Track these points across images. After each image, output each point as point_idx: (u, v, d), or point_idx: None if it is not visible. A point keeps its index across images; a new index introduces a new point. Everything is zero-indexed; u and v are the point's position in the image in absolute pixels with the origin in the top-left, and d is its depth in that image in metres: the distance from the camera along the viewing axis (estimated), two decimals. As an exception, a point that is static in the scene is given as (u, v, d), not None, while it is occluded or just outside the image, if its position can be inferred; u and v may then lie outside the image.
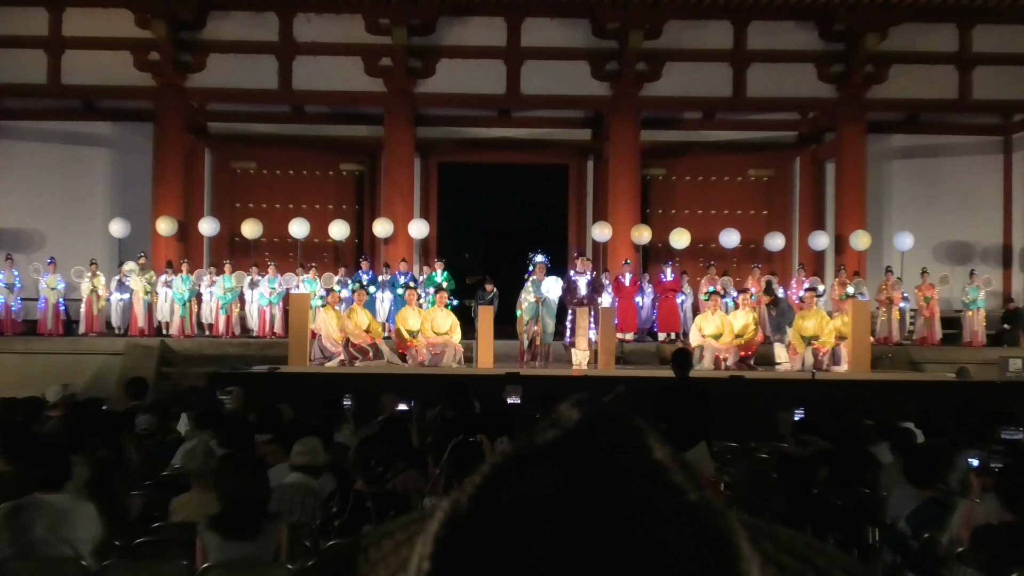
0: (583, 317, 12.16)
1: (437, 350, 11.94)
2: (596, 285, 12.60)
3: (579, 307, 12.22)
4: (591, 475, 0.51)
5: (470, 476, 0.54)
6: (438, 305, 12.30)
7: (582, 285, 12.39)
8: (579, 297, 12.26)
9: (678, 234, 15.85)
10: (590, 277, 12.55)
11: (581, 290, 12.34)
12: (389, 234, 15.85)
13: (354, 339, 11.92)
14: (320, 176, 17.55)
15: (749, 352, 12.17)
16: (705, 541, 0.50)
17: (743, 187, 17.60)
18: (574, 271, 12.58)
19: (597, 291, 12.59)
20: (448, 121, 17.12)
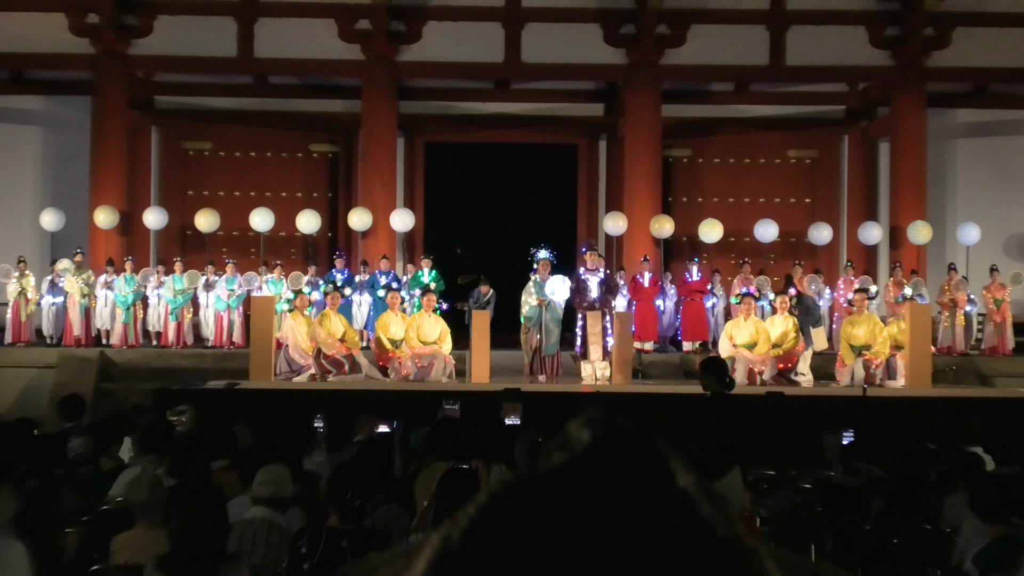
0: (595, 323, 12.18)
1: (424, 362, 11.94)
2: (610, 285, 12.60)
3: (590, 311, 12.23)
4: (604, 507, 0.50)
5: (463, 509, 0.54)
6: (425, 310, 12.30)
7: (593, 285, 12.38)
8: (590, 300, 12.26)
9: (707, 226, 15.88)
10: (603, 276, 12.55)
11: (592, 291, 12.33)
12: (367, 226, 15.86)
13: (327, 349, 11.92)
14: (287, 159, 17.58)
15: (789, 364, 12.19)
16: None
17: (782, 171, 17.64)
18: (584, 269, 12.57)
19: (611, 292, 12.58)
20: (436, 94, 17.15)
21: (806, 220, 16.81)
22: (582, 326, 12.34)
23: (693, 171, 17.71)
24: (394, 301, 12.44)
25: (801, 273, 15.15)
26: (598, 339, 12.13)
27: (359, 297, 15.10)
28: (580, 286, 12.37)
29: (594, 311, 12.24)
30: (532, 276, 12.57)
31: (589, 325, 12.21)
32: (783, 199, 17.45)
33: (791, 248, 16.99)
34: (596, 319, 12.19)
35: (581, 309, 12.33)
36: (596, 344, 12.12)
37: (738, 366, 11.72)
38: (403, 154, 17.18)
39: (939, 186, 16.86)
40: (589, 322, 12.22)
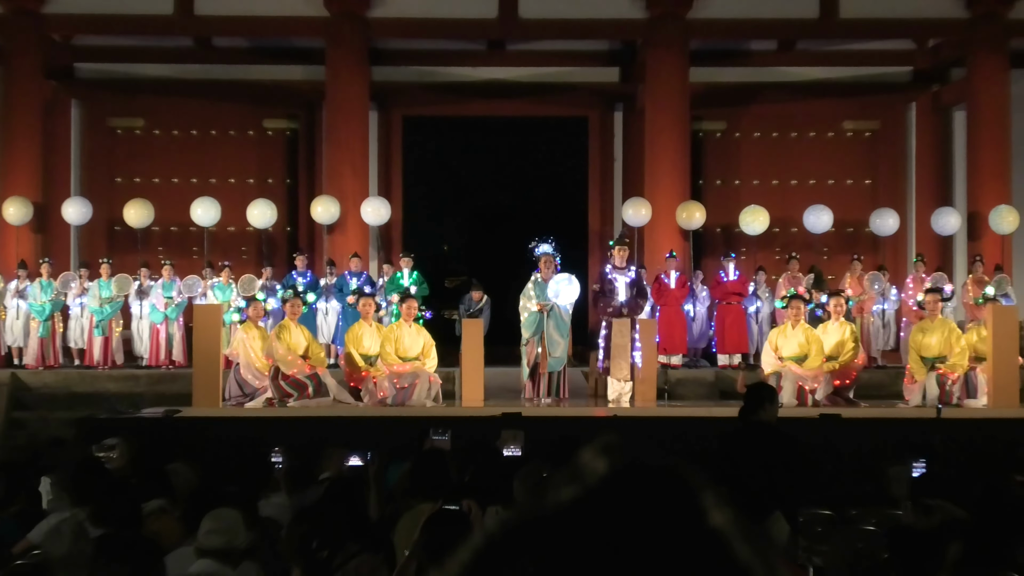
0: (622, 333, 12.12)
1: (404, 382, 11.93)
2: (641, 287, 12.52)
3: (616, 318, 12.17)
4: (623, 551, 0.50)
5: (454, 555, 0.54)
6: (405, 319, 12.30)
7: (621, 287, 12.30)
8: (617, 304, 12.18)
9: (746, 214, 15.90)
10: (633, 275, 12.49)
11: (620, 294, 12.25)
12: (334, 219, 15.86)
13: (286, 368, 11.91)
14: (236, 138, 17.60)
15: (847, 380, 12.19)
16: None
17: (836, 147, 17.67)
18: (611, 266, 12.49)
19: (642, 295, 12.52)
20: (417, 58, 17.17)
21: (866, 206, 16.85)
22: (606, 336, 12.27)
23: (728, 148, 17.74)
24: (367, 309, 12.42)
25: (860, 270, 15.17)
26: (624, 352, 12.08)
27: (325, 304, 15.07)
28: (605, 287, 12.28)
29: (621, 318, 12.17)
30: (533, 276, 12.53)
31: (615, 336, 12.14)
32: (838, 181, 17.47)
33: (848, 240, 17.00)
34: (623, 329, 12.14)
35: (605, 315, 12.25)
36: (622, 359, 12.08)
37: (785, 383, 11.71)
38: (377, 131, 17.18)
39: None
40: (615, 332, 12.15)
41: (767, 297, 15.16)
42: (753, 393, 6.77)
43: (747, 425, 6.59)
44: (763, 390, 6.88)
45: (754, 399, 6.66)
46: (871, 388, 12.94)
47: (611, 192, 17.49)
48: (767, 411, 6.57)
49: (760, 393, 6.77)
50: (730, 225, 16.60)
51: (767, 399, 6.66)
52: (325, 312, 15.07)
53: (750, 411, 6.61)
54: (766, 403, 6.62)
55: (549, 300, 12.32)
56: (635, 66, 16.96)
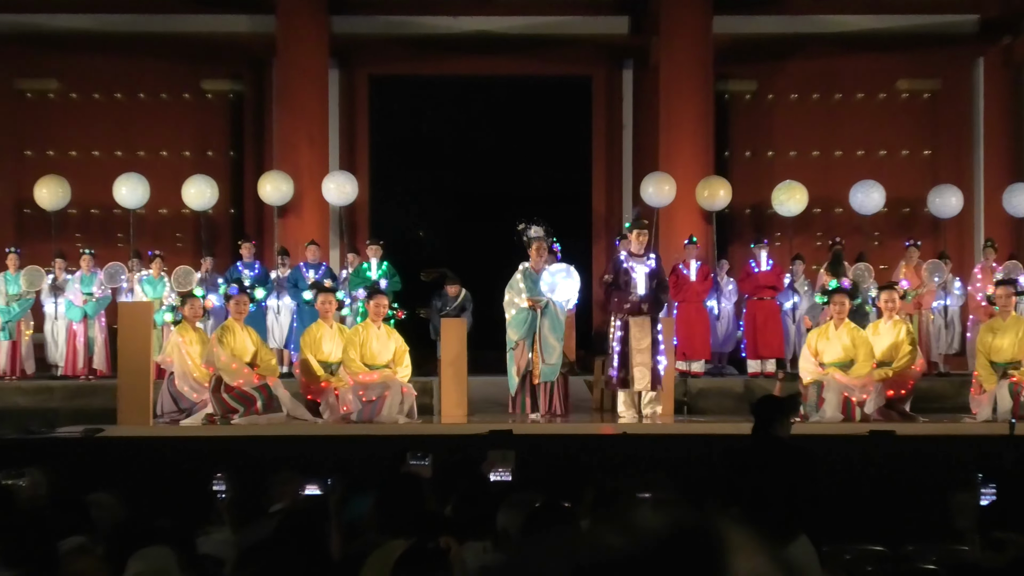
0: (641, 334, 12.04)
1: (372, 394, 11.91)
2: (662, 279, 12.43)
3: (633, 316, 12.16)
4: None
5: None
6: (373, 319, 12.28)
7: (640, 278, 12.19)
8: (635, 299, 12.09)
9: (781, 191, 15.91)
10: (654, 265, 12.39)
11: (639, 287, 12.15)
12: (287, 198, 15.85)
13: (230, 379, 11.88)
14: (169, 102, 17.57)
15: (902, 391, 12.20)
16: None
17: (889, 111, 17.69)
18: (626, 253, 12.45)
19: (664, 288, 12.44)
20: (386, 6, 17.17)
21: (925, 181, 16.89)
22: (621, 338, 12.13)
23: (760, 113, 17.76)
24: (327, 307, 12.40)
25: (917, 259, 15.18)
26: (645, 358, 11.99)
27: (277, 302, 15.06)
28: (620, 279, 12.21)
29: (640, 316, 12.11)
30: (522, 266, 12.48)
31: (633, 338, 12.06)
32: (891, 151, 17.49)
33: (904, 222, 17.03)
34: (642, 329, 12.07)
35: (620, 313, 12.14)
36: (642, 366, 11.99)
37: (827, 395, 11.72)
38: (338, 93, 17.17)
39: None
40: (632, 333, 12.07)
41: (806, 291, 15.19)
42: (764, 407, 6.90)
43: (759, 440, 6.74)
44: (775, 403, 7.01)
45: (766, 413, 6.82)
46: (931, 399, 12.96)
47: (619, 166, 17.49)
48: (782, 426, 6.76)
49: (771, 407, 6.93)
50: (762, 205, 16.61)
51: (781, 412, 6.86)
52: (277, 311, 15.05)
53: (762, 427, 6.76)
54: (780, 417, 6.81)
55: (542, 295, 12.27)
56: (648, 15, 16.98)
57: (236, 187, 17.37)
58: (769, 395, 8.16)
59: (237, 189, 17.37)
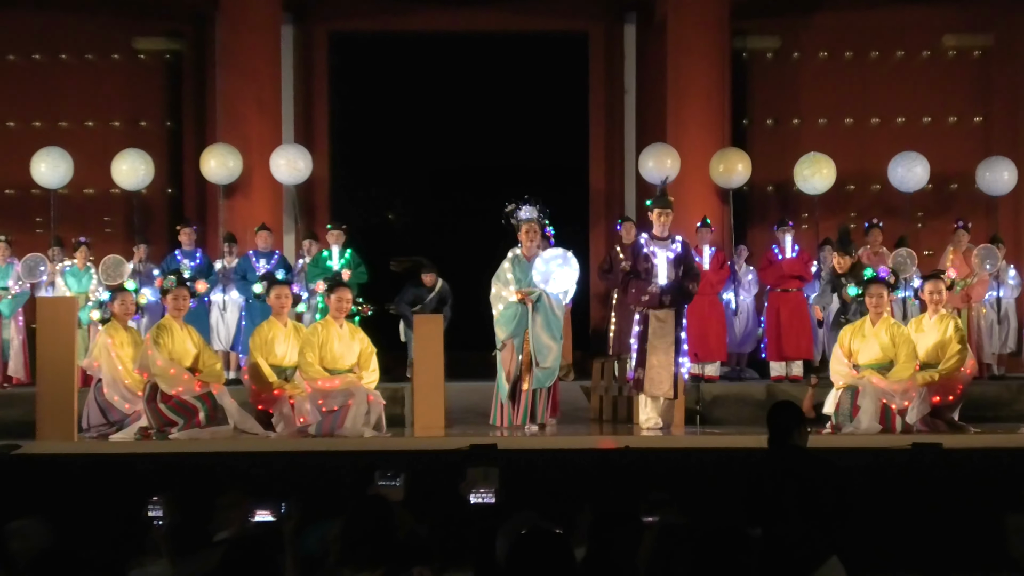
0: (663, 331, 11.99)
1: (334, 403, 11.86)
2: (690, 264, 12.37)
3: (655, 309, 12.07)
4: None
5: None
6: (334, 315, 12.23)
7: (663, 264, 12.16)
8: (656, 291, 12.03)
9: (807, 165, 15.88)
10: (679, 249, 12.33)
11: (661, 275, 12.13)
12: (235, 176, 15.83)
13: (167, 386, 11.83)
14: (95, 64, 17.54)
15: (950, 397, 12.18)
16: None
17: (934, 71, 17.72)
18: (647, 236, 12.38)
19: (691, 276, 12.32)
20: (348, -49, 17.15)
21: (975, 153, 16.93)
22: (639, 334, 12.15)
23: (784, 74, 17.78)
24: (281, 302, 12.35)
25: (967, 243, 15.16)
26: (667, 359, 11.97)
27: (222, 296, 15.02)
28: (640, 265, 12.20)
29: (662, 310, 12.08)
30: (511, 253, 12.44)
31: (652, 335, 12.04)
32: (936, 119, 17.51)
33: (950, 200, 17.06)
34: (665, 325, 12.04)
35: (639, 306, 12.17)
36: (663, 369, 11.96)
37: (863, 401, 11.69)
38: (293, 54, 17.14)
39: None
40: (652, 329, 12.05)
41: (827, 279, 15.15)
42: (778, 416, 6.95)
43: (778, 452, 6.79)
44: (788, 412, 7.05)
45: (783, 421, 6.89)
46: (984, 407, 12.95)
47: (620, 137, 17.50)
48: (801, 435, 6.83)
49: (789, 413, 6.99)
50: (786, 181, 16.60)
51: (800, 420, 6.94)
52: (222, 307, 15.01)
53: (780, 437, 6.81)
54: (798, 425, 6.88)
55: (535, 287, 12.23)
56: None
57: (174, 163, 17.37)
58: (784, 401, 8.15)
59: (175, 165, 17.37)
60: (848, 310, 12.79)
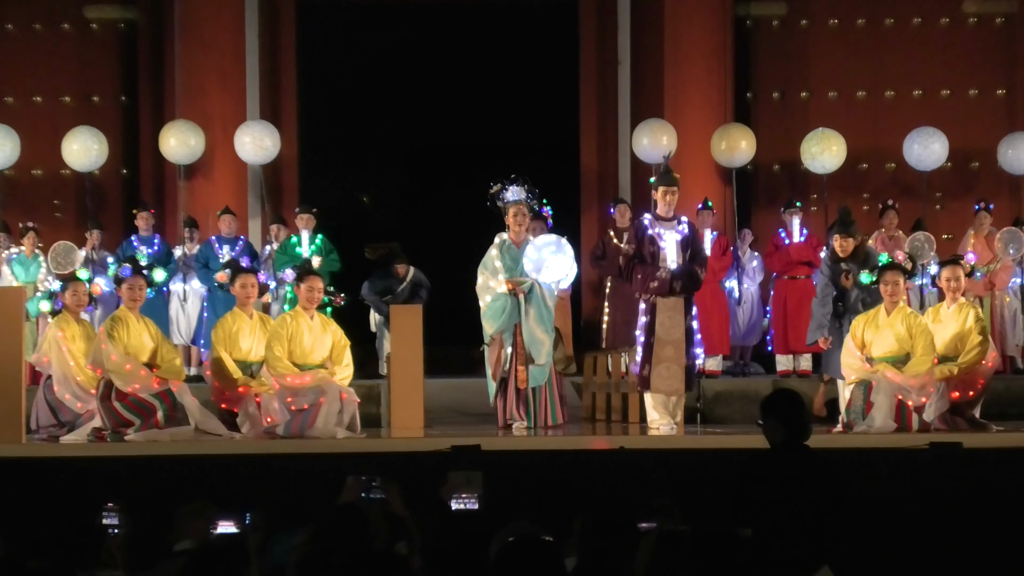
0: (672, 321, 11.94)
1: (304, 402, 11.84)
2: (698, 248, 12.39)
3: (663, 296, 11.99)
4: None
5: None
6: (304, 306, 12.21)
7: (671, 248, 12.12)
8: (666, 275, 11.97)
9: (815, 142, 15.90)
10: (686, 231, 12.29)
11: (669, 259, 12.07)
12: (196, 156, 15.80)
13: (123, 383, 11.81)
14: (44, 34, 17.46)
15: (971, 392, 12.18)
16: None
17: (954, 39, 17.70)
18: (651, 216, 12.35)
19: (700, 260, 12.35)
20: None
21: (997, 129, 16.92)
22: (645, 325, 12.10)
23: (792, 43, 17.75)
24: (247, 292, 12.33)
25: (989, 226, 15.18)
26: (678, 351, 11.92)
27: (182, 286, 14.99)
28: (645, 249, 12.14)
29: (672, 298, 12.02)
30: (498, 239, 12.44)
31: (660, 326, 11.98)
32: (956, 91, 17.49)
33: (971, 179, 17.06)
34: (674, 314, 11.98)
35: (646, 293, 12.14)
36: (674, 363, 11.92)
37: (877, 398, 11.69)
38: (258, 22, 17.05)
39: None
40: (660, 319, 11.99)
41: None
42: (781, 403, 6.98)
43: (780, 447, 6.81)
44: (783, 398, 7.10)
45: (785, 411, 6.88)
46: (1008, 403, 12.99)
47: (613, 112, 17.45)
48: (797, 413, 6.86)
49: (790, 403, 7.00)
50: (794, 160, 16.57)
51: (803, 412, 6.96)
52: (183, 297, 14.99)
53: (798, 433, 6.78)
54: (801, 418, 6.89)
55: (526, 276, 12.23)
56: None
57: (130, 141, 17.29)
58: (786, 389, 8.18)
59: (131, 144, 17.30)
60: (848, 297, 12.66)
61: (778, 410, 6.87)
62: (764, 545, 6.20)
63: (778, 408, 6.90)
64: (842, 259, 12.74)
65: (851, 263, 12.67)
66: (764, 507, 6.46)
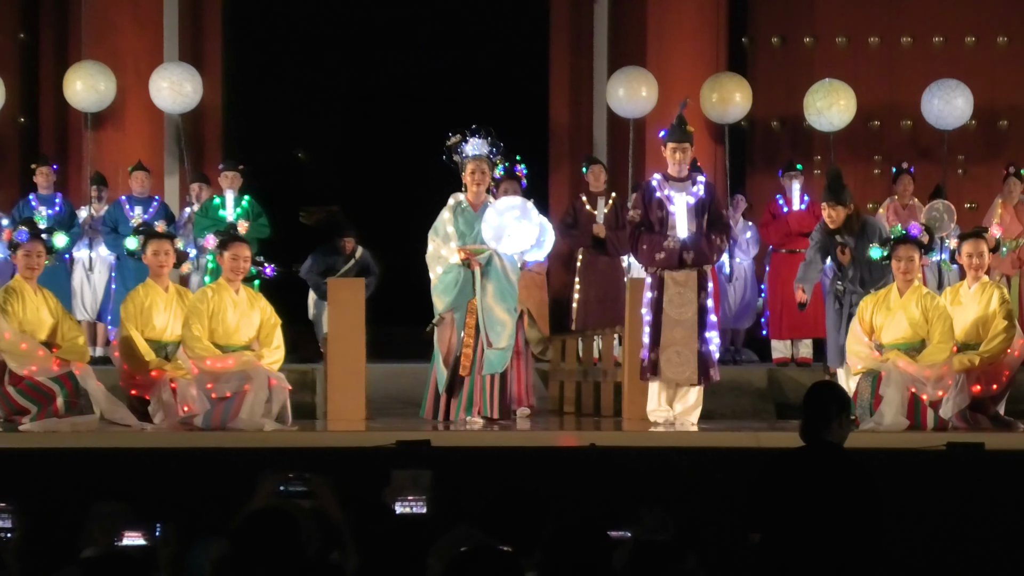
0: (681, 299, 11.94)
1: (227, 388, 11.82)
2: (717, 213, 12.36)
3: (672, 270, 11.96)
4: None
5: None
6: (228, 277, 12.18)
7: (681, 212, 12.07)
8: (676, 245, 11.94)
9: (820, 95, 15.93)
10: (703, 193, 12.23)
11: (680, 226, 12.02)
12: (105, 103, 15.77)
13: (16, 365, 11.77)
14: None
15: (994, 386, 12.23)
16: None
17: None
18: (659, 177, 12.29)
19: (720, 226, 12.31)
20: None
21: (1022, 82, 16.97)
22: (652, 302, 12.07)
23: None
24: (161, 259, 12.29)
25: (1020, 193, 15.20)
26: (686, 335, 11.90)
27: (88, 253, 14.95)
28: (652, 214, 12.11)
29: (682, 271, 12.01)
30: (453, 199, 12.36)
31: (669, 304, 11.96)
32: (982, 39, 17.54)
33: (998, 140, 17.13)
34: (684, 291, 11.95)
35: (652, 266, 12.10)
36: (685, 347, 11.91)
37: (887, 390, 11.73)
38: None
39: None
40: (668, 296, 11.97)
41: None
42: (818, 396, 6.89)
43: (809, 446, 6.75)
44: (833, 393, 7.02)
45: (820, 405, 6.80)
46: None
47: (588, 59, 17.47)
48: (839, 427, 6.74)
49: (828, 396, 6.92)
50: (795, 115, 16.61)
51: (839, 407, 6.83)
52: (88, 266, 14.96)
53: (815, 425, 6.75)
54: (838, 413, 6.78)
55: (485, 244, 12.19)
56: None
57: (28, 85, 17.28)
58: (826, 381, 8.16)
59: (30, 88, 17.30)
60: (846, 275, 12.58)
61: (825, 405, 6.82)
62: (775, 552, 6.20)
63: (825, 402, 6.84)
64: (833, 231, 12.63)
65: (846, 235, 12.58)
66: (783, 512, 6.48)
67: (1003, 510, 9.27)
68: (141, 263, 12.78)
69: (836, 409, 6.77)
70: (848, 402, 7.00)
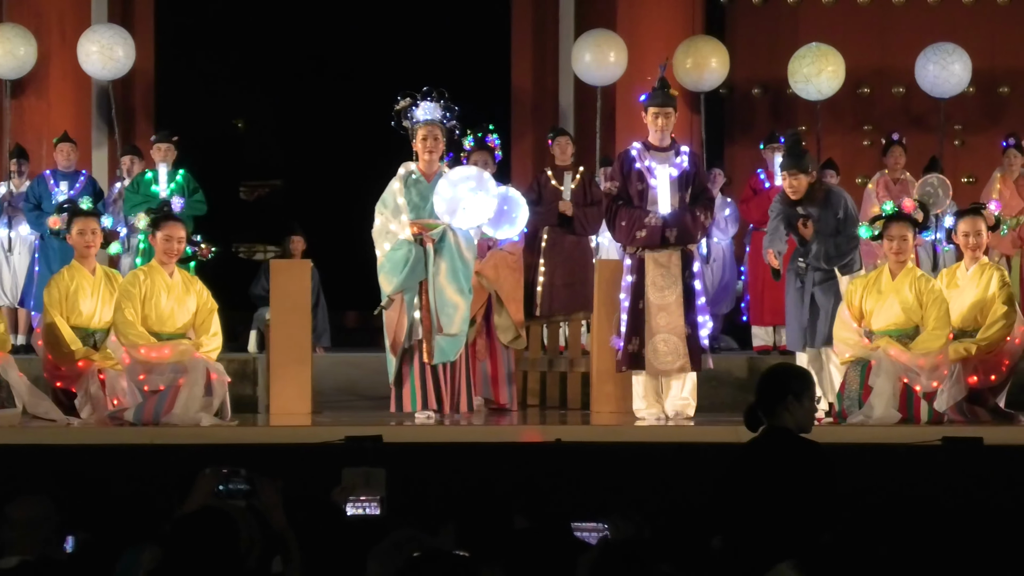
0: (664, 280, 11.98)
1: (161, 380, 11.83)
2: (702, 187, 12.46)
3: (654, 249, 12.01)
4: None
5: None
6: (162, 259, 12.18)
7: (663, 186, 12.08)
8: (657, 221, 11.98)
9: (807, 61, 15.95)
10: (687, 164, 12.27)
11: (662, 201, 12.06)
12: (26, 69, 15.75)
13: (-69, 356, 11.79)
14: None
15: (992, 376, 12.28)
16: None
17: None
18: (639, 146, 12.29)
19: (704, 201, 12.38)
20: None
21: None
22: (631, 286, 12.13)
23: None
24: (87, 239, 12.29)
25: (1021, 166, 15.25)
26: (675, 319, 11.96)
27: (7, 233, 14.93)
28: (631, 187, 12.15)
29: (663, 250, 12.06)
30: (403, 169, 12.26)
31: (651, 286, 12.02)
32: (980, 0, 17.61)
33: (998, 109, 17.20)
34: (666, 272, 12.01)
35: (632, 245, 12.16)
36: (672, 333, 11.94)
37: (878, 380, 11.78)
38: None
39: None
40: (650, 278, 12.03)
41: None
42: (774, 380, 6.96)
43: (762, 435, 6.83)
44: (791, 375, 7.10)
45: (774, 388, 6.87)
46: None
47: (553, 20, 17.47)
48: (795, 411, 6.80)
49: (784, 379, 6.98)
50: (778, 82, 16.65)
51: (797, 390, 6.86)
52: (7, 247, 14.92)
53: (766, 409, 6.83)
54: (795, 397, 6.83)
55: (437, 218, 12.16)
56: None
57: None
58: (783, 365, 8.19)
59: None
60: (808, 250, 12.43)
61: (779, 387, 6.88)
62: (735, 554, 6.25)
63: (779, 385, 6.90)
64: (794, 202, 12.55)
65: (808, 206, 12.50)
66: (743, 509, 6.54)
67: (1002, 509, 9.33)
68: (66, 243, 12.78)
69: (781, 391, 6.81)
70: (804, 385, 6.95)
